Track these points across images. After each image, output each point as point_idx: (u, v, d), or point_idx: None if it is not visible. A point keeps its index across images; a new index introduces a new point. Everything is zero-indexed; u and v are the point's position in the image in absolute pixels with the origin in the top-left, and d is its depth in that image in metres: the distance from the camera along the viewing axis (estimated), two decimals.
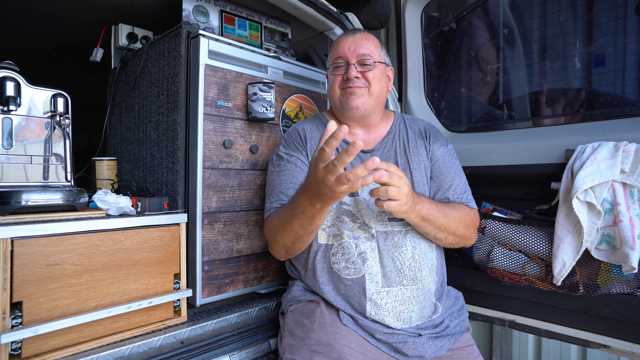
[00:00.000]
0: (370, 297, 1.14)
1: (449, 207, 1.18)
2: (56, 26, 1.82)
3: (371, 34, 1.31)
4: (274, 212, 1.19)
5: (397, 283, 1.15)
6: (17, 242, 0.93)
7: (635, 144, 1.17)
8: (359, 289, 1.16)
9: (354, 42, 1.25)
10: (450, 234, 1.17)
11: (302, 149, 1.27)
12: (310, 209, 0.99)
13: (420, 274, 1.18)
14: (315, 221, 1.04)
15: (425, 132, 1.32)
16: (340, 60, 1.25)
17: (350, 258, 1.17)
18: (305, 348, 1.09)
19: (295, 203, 1.03)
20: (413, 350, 1.12)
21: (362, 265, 1.16)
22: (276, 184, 1.24)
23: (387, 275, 1.15)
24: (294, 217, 1.05)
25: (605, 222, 1.18)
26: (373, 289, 1.15)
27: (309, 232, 1.08)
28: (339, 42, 1.28)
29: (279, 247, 1.18)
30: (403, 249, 1.17)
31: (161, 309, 1.19)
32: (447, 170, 1.27)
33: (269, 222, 1.19)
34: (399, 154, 1.27)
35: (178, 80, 1.32)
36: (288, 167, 1.24)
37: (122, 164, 1.63)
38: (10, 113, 1.09)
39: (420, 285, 1.17)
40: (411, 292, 1.16)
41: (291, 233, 1.09)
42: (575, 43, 1.44)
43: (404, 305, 1.15)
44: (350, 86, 1.22)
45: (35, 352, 0.96)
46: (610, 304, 1.27)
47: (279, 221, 1.12)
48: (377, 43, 1.29)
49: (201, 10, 1.47)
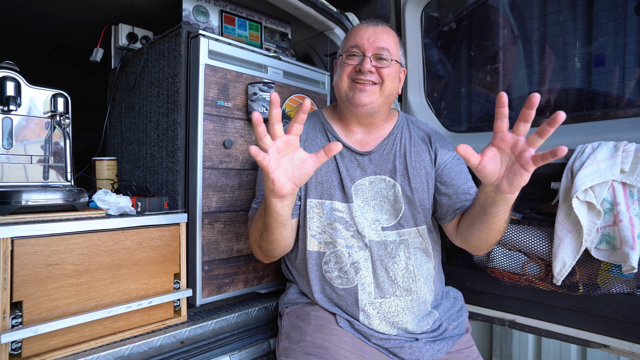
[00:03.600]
0: (362, 308, 1.13)
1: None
2: (56, 26, 1.82)
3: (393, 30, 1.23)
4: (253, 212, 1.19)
5: (391, 294, 1.13)
6: (17, 242, 0.93)
7: (635, 144, 1.17)
8: (351, 299, 1.14)
9: (374, 34, 1.15)
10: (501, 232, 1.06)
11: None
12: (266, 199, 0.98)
13: (415, 285, 1.15)
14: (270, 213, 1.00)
15: (430, 138, 1.25)
16: (356, 50, 1.15)
17: (343, 267, 1.14)
18: (299, 351, 1.08)
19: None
20: (410, 355, 1.10)
21: (354, 276, 1.13)
22: (260, 185, 1.24)
23: (381, 286, 1.13)
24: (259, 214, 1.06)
25: (605, 221, 1.18)
26: (366, 300, 1.13)
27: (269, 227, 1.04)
28: (358, 30, 1.17)
29: (257, 249, 1.17)
30: (397, 259, 1.15)
31: (161, 309, 1.19)
32: (459, 170, 1.20)
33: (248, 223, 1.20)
34: (398, 158, 1.20)
35: (178, 80, 1.32)
36: None
37: (122, 164, 1.63)
38: (11, 113, 1.09)
39: (414, 297, 1.15)
40: (405, 303, 1.14)
41: (257, 230, 1.10)
42: (575, 43, 1.44)
43: (398, 316, 1.13)
44: (362, 79, 1.13)
45: (35, 352, 0.96)
46: (610, 303, 1.27)
47: (252, 219, 1.14)
48: (397, 40, 1.21)
49: (201, 10, 1.47)
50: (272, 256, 1.17)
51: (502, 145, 0.87)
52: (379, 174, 1.20)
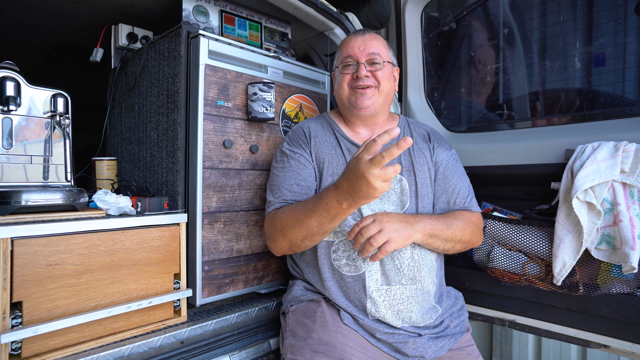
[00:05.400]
0: (370, 295, 1.15)
1: (451, 217, 1.19)
2: (56, 26, 1.82)
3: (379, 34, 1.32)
4: (285, 207, 1.18)
5: (397, 282, 1.16)
6: (17, 242, 0.93)
7: (635, 144, 1.17)
8: (359, 286, 1.16)
9: (363, 42, 1.26)
10: (457, 242, 1.19)
11: (306, 146, 1.28)
12: (337, 207, 0.99)
13: (420, 274, 1.18)
14: (335, 221, 1.05)
15: (429, 136, 1.34)
16: (350, 59, 1.26)
17: (351, 255, 1.18)
18: (307, 348, 1.09)
19: (320, 199, 1.03)
20: (413, 351, 1.12)
21: (362, 263, 1.17)
22: (280, 180, 1.24)
23: (387, 273, 1.16)
24: (315, 213, 1.05)
25: (605, 222, 1.18)
26: (373, 287, 1.15)
27: (324, 231, 1.08)
28: (348, 42, 1.29)
29: (285, 242, 1.16)
30: (403, 248, 1.17)
31: (161, 309, 1.18)
32: (451, 174, 1.28)
33: (277, 215, 1.18)
34: (403, 155, 1.27)
35: (178, 80, 1.32)
36: (292, 164, 1.25)
37: (122, 164, 1.63)
38: (10, 113, 1.09)
39: (419, 286, 1.18)
40: (410, 291, 1.16)
41: (305, 229, 1.09)
42: (575, 43, 1.44)
43: (403, 304, 1.15)
44: (360, 85, 1.23)
45: (35, 352, 0.96)
46: (610, 304, 1.27)
47: (294, 215, 1.11)
48: (385, 43, 1.31)
49: (201, 10, 1.47)
50: (300, 250, 1.20)
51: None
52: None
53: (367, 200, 0.94)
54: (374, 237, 1.02)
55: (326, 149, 1.27)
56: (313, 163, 1.26)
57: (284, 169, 1.25)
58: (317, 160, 1.26)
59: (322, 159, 1.26)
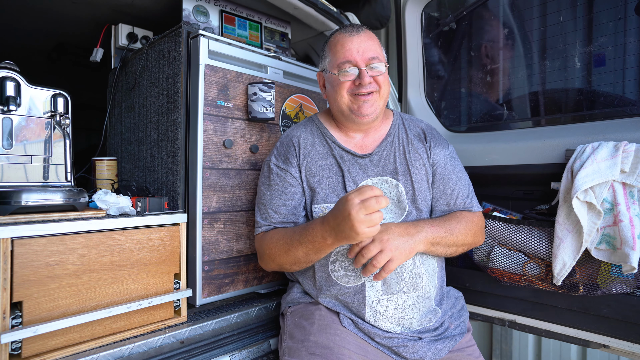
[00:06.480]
0: (369, 305, 1.13)
1: (453, 221, 1.16)
2: (56, 26, 1.82)
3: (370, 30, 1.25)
4: (273, 232, 1.18)
5: (398, 290, 1.14)
6: (17, 242, 0.93)
7: (635, 144, 1.17)
8: (358, 297, 1.14)
9: (360, 43, 1.17)
10: (459, 246, 1.17)
11: (294, 159, 1.22)
12: (321, 241, 1.00)
13: (421, 281, 1.16)
14: (321, 254, 1.06)
15: (425, 135, 1.28)
16: (349, 65, 1.16)
17: (350, 266, 1.15)
18: (303, 350, 1.08)
19: (306, 230, 1.04)
20: (413, 354, 1.11)
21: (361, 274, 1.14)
22: (266, 199, 1.22)
23: (388, 282, 1.13)
24: (301, 244, 1.06)
25: (605, 222, 1.18)
26: (373, 297, 1.13)
27: (310, 261, 1.10)
28: (343, 44, 1.18)
29: (274, 265, 1.19)
30: None
31: (161, 309, 1.18)
32: (449, 175, 1.24)
33: (266, 240, 1.19)
34: (398, 158, 1.22)
35: (178, 80, 1.32)
36: (278, 182, 1.21)
37: (122, 164, 1.63)
38: (10, 113, 1.09)
39: (420, 292, 1.16)
40: (411, 299, 1.14)
41: (293, 257, 1.11)
42: (575, 43, 1.44)
43: (404, 312, 1.14)
44: (363, 92, 1.16)
45: (35, 352, 0.96)
46: (610, 304, 1.27)
47: (283, 243, 1.12)
48: (378, 41, 1.25)
49: (201, 10, 1.47)
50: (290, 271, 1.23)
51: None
52: (381, 175, 1.21)
53: (349, 241, 0.95)
54: (375, 257, 1.00)
55: (317, 161, 1.22)
56: (301, 179, 1.21)
57: (270, 187, 1.22)
58: (307, 173, 1.21)
59: (312, 172, 1.21)
